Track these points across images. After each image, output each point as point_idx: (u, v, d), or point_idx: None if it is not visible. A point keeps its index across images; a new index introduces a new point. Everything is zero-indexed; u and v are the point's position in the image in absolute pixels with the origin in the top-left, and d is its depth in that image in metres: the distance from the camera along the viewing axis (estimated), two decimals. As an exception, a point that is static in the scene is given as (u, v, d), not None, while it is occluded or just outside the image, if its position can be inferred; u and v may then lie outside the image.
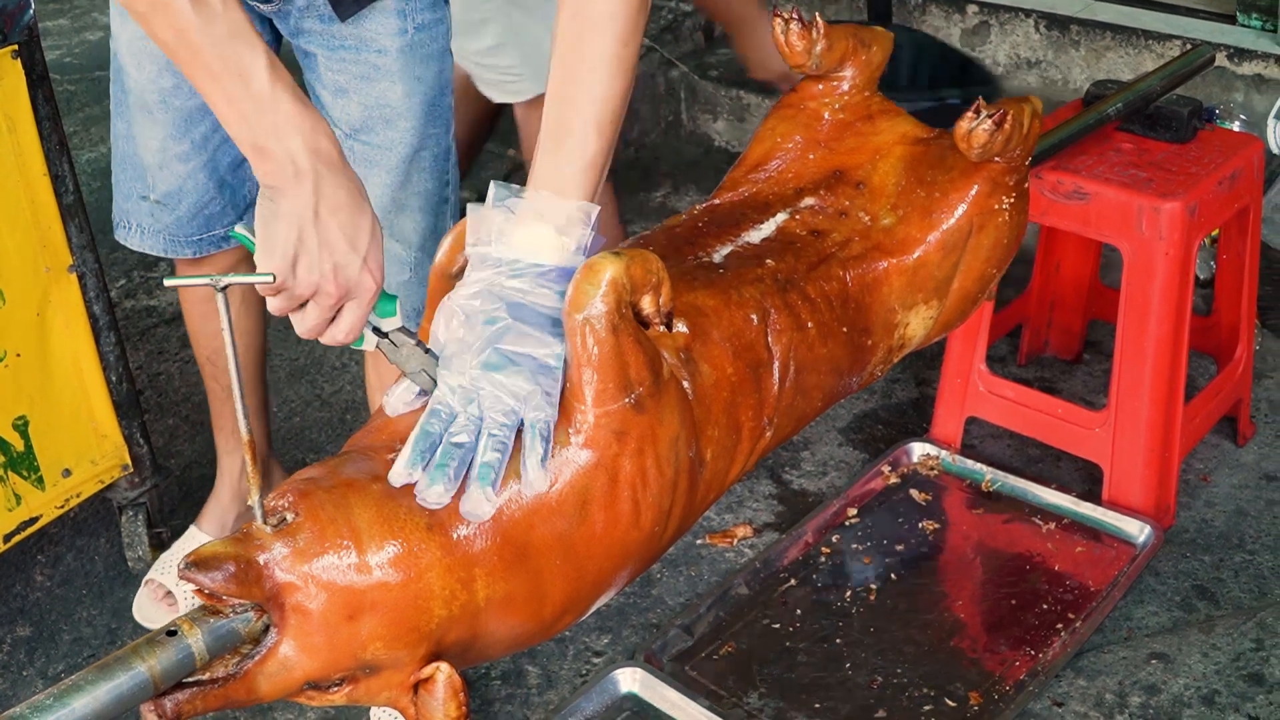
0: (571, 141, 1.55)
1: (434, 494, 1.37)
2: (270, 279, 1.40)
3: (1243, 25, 4.05)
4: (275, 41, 2.32)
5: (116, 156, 2.43)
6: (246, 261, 2.54)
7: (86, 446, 2.66)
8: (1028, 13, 4.43)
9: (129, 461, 2.74)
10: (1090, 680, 2.47)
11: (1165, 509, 2.79)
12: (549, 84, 1.59)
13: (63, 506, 2.64)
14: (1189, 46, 3.99)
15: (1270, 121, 3.58)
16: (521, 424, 1.43)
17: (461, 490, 1.39)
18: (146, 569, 2.81)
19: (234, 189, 2.44)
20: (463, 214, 1.59)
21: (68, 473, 2.63)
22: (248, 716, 2.48)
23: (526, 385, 1.42)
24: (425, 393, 1.48)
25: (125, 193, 2.44)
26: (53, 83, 2.50)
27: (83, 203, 2.55)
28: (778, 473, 3.07)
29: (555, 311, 1.48)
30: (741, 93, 4.63)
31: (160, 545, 2.84)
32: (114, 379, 2.66)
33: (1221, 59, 3.93)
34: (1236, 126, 3.63)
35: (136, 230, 2.46)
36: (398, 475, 1.38)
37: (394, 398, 1.51)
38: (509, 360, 1.44)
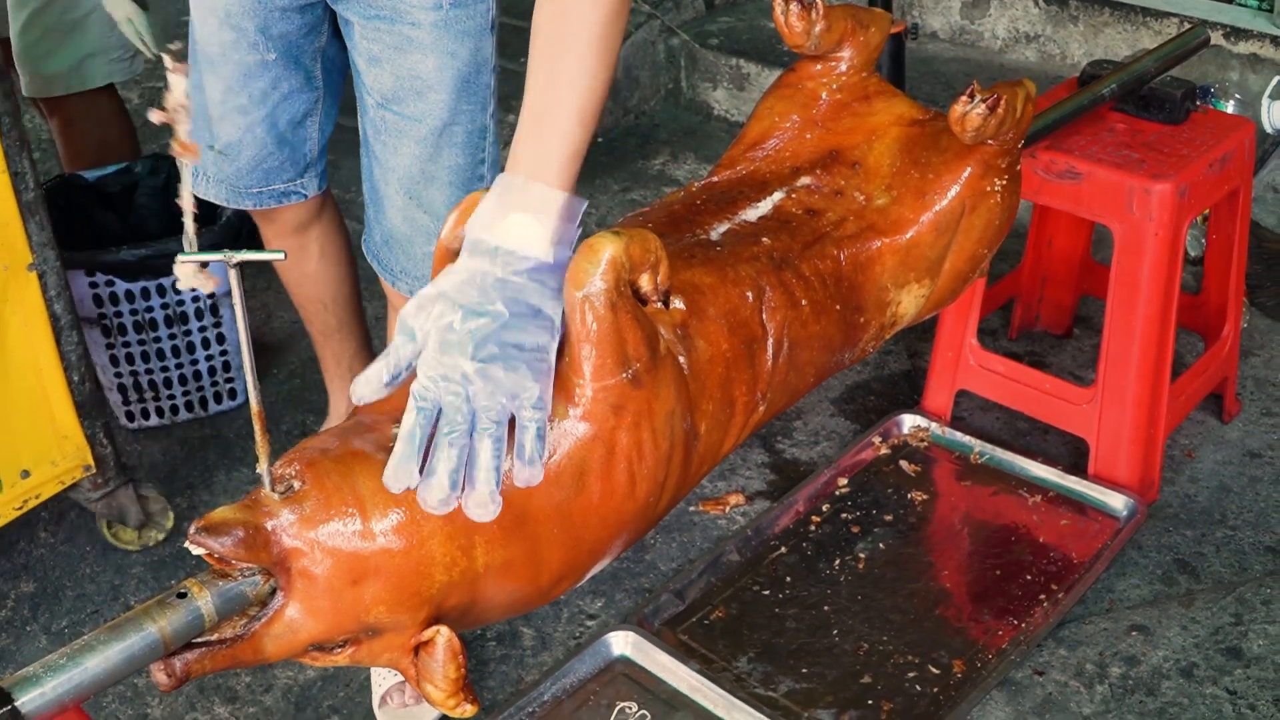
0: (554, 130, 1.54)
1: (436, 500, 1.39)
2: (282, 256, 1.43)
3: (1239, 4, 4.08)
4: (328, 13, 2.36)
5: (193, 107, 2.48)
6: (316, 221, 2.70)
7: (46, 447, 2.61)
8: (1027, -13, 4.46)
9: (91, 462, 2.70)
10: (1071, 650, 2.52)
11: (1149, 484, 2.84)
12: (530, 70, 1.59)
13: (20, 508, 2.60)
14: (1186, 25, 4.02)
15: (1265, 100, 3.61)
16: (512, 418, 1.44)
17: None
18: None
19: (294, 146, 2.53)
20: None
21: (26, 474, 2.59)
22: (250, 672, 2.54)
23: (526, 381, 1.43)
24: (396, 378, 1.46)
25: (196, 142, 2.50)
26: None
27: (44, 200, 2.54)
28: (770, 442, 3.12)
29: (545, 307, 1.48)
30: (741, 61, 4.65)
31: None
32: (76, 379, 2.62)
33: (1218, 37, 3.96)
34: (1231, 105, 3.67)
35: (204, 179, 2.55)
36: (393, 478, 1.39)
37: (361, 384, 1.47)
38: (504, 354, 1.43)
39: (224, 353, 3.21)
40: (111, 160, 3.37)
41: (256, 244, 3.11)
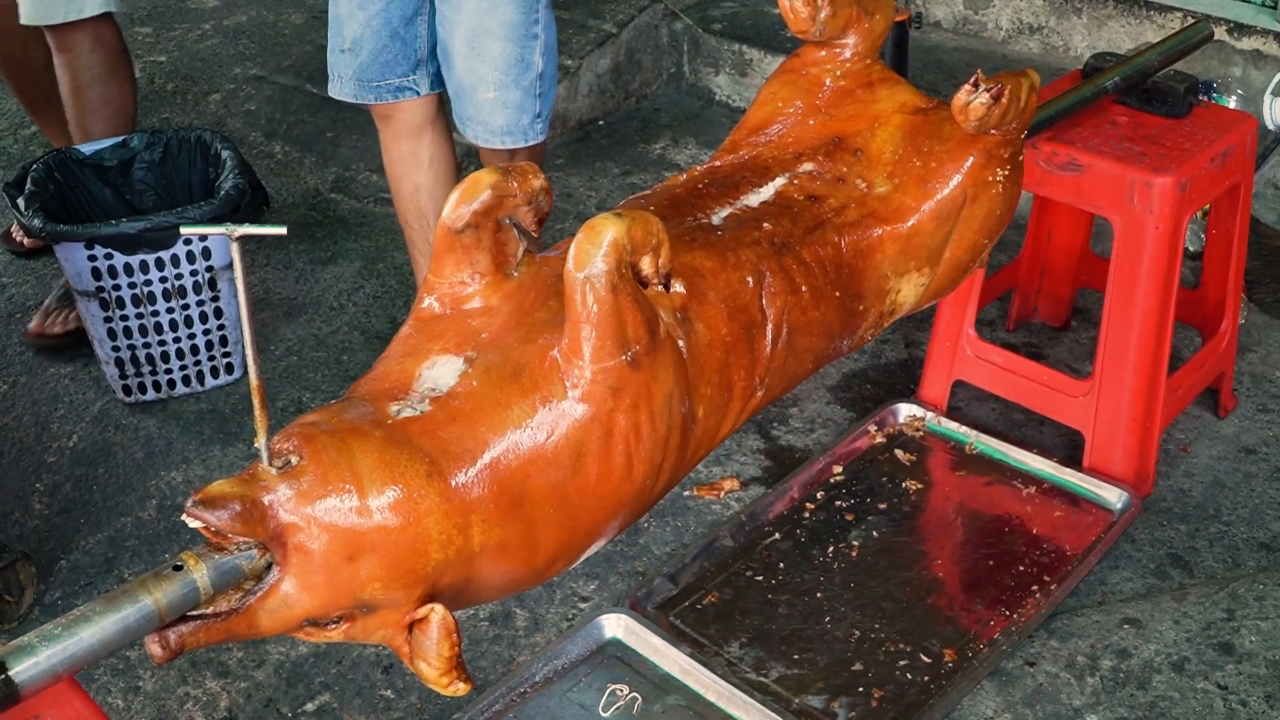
0: None
1: None
2: (283, 230, 1.43)
3: (1244, 0, 4.07)
4: None
5: (329, 15, 2.97)
6: (430, 128, 3.04)
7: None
8: (1032, -22, 4.46)
9: None
10: (1063, 642, 2.53)
11: (1144, 477, 2.84)
12: None
13: None
14: (1190, 19, 4.02)
15: (1267, 97, 3.61)
16: None
17: None
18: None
19: (405, 41, 2.91)
20: None
21: None
22: (242, 646, 2.54)
23: None
24: None
25: (330, 48, 2.97)
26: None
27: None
28: (766, 428, 3.12)
29: None
30: (744, 47, 4.64)
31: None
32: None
33: (1221, 33, 3.95)
34: (1233, 101, 3.67)
35: (337, 80, 2.98)
36: None
37: None
38: None
39: (222, 327, 3.21)
40: (112, 94, 3.42)
41: (256, 216, 3.13)
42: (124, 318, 3.11)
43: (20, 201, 3.07)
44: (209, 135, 3.37)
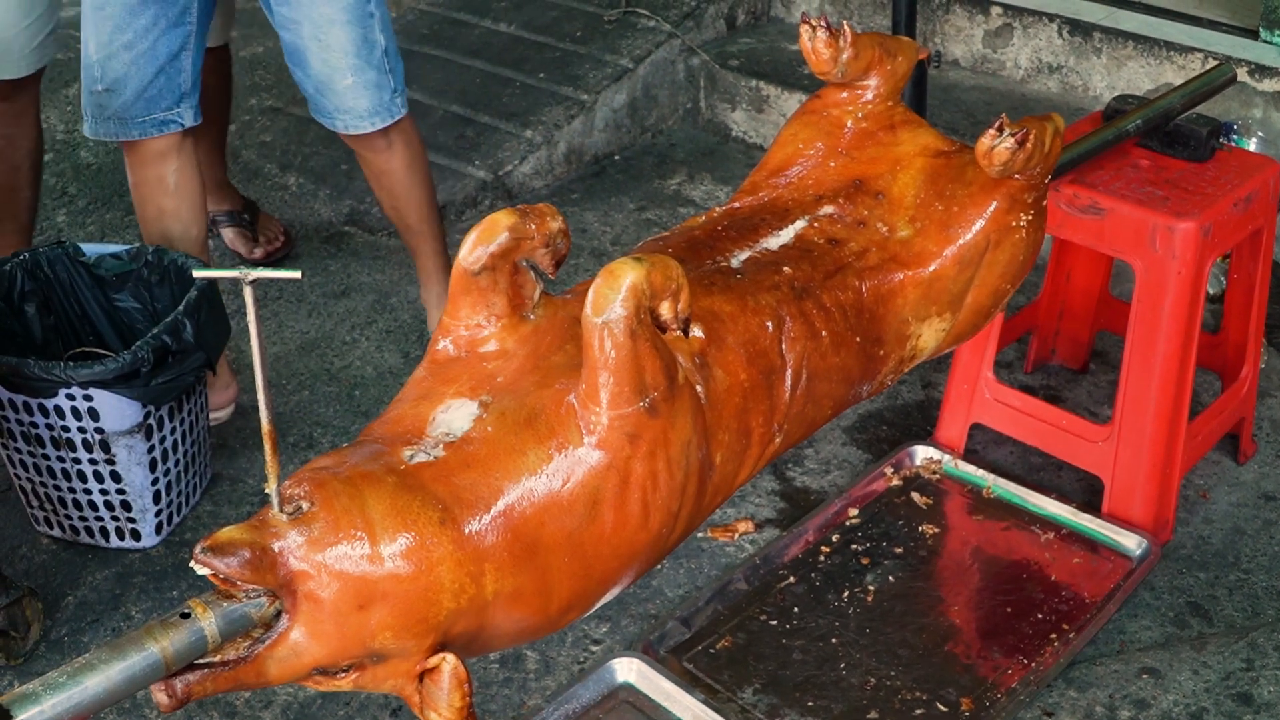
0: None
1: None
2: (298, 274, 1.41)
3: (1265, 41, 4.05)
4: None
5: (82, 61, 2.95)
6: (177, 153, 3.01)
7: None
8: (1051, 17, 4.44)
9: None
10: (1081, 691, 2.49)
11: (1163, 524, 2.81)
12: None
13: None
14: (1210, 60, 4.00)
15: (1287, 140, 3.59)
16: None
17: None
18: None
19: (170, 76, 2.94)
20: None
21: None
22: (249, 691, 2.51)
23: None
24: None
25: (84, 90, 2.96)
26: None
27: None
28: (781, 469, 3.09)
29: None
30: (761, 83, 4.63)
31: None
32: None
33: (1243, 74, 3.93)
34: (1254, 143, 3.65)
35: (93, 119, 2.96)
36: None
37: None
38: None
39: (122, 492, 2.80)
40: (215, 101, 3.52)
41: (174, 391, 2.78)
42: (17, 450, 2.79)
43: None
44: (195, 264, 2.96)
